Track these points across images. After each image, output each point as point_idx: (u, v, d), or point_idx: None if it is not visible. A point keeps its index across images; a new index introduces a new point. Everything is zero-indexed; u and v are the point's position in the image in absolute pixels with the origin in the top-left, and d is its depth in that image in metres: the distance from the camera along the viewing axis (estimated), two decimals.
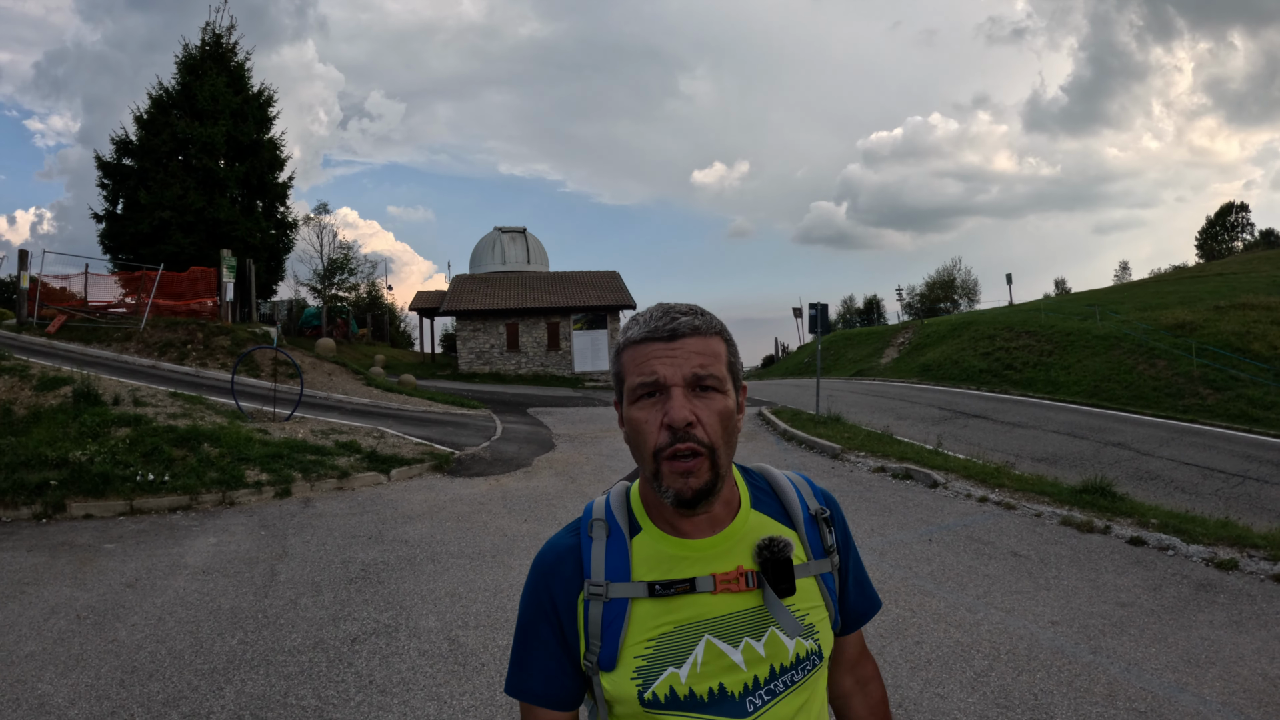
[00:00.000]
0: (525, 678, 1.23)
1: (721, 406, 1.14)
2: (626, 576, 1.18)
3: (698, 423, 1.12)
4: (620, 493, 1.29)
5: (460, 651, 4.72)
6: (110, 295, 22.49)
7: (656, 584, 1.17)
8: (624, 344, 1.20)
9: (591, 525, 1.24)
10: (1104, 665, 4.53)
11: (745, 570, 1.19)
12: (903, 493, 9.09)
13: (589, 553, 1.21)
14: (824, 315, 15.76)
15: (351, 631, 5.07)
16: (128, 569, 6.58)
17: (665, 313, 1.18)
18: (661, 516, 1.22)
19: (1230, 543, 6.95)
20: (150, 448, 9.82)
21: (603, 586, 1.18)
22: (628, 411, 1.17)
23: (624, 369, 1.18)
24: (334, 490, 9.54)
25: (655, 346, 1.15)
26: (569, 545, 1.24)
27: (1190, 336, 27.80)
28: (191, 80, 26.15)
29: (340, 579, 6.18)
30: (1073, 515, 7.68)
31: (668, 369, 1.13)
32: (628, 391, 1.17)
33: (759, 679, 1.18)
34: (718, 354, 1.17)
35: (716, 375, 1.14)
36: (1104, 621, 5.21)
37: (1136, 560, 6.57)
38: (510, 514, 8.32)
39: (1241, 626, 5.20)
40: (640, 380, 1.15)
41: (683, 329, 1.15)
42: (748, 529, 1.23)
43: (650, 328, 1.16)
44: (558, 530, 1.30)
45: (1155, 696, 4.16)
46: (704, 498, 1.13)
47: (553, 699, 1.22)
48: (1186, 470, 14.83)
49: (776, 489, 1.32)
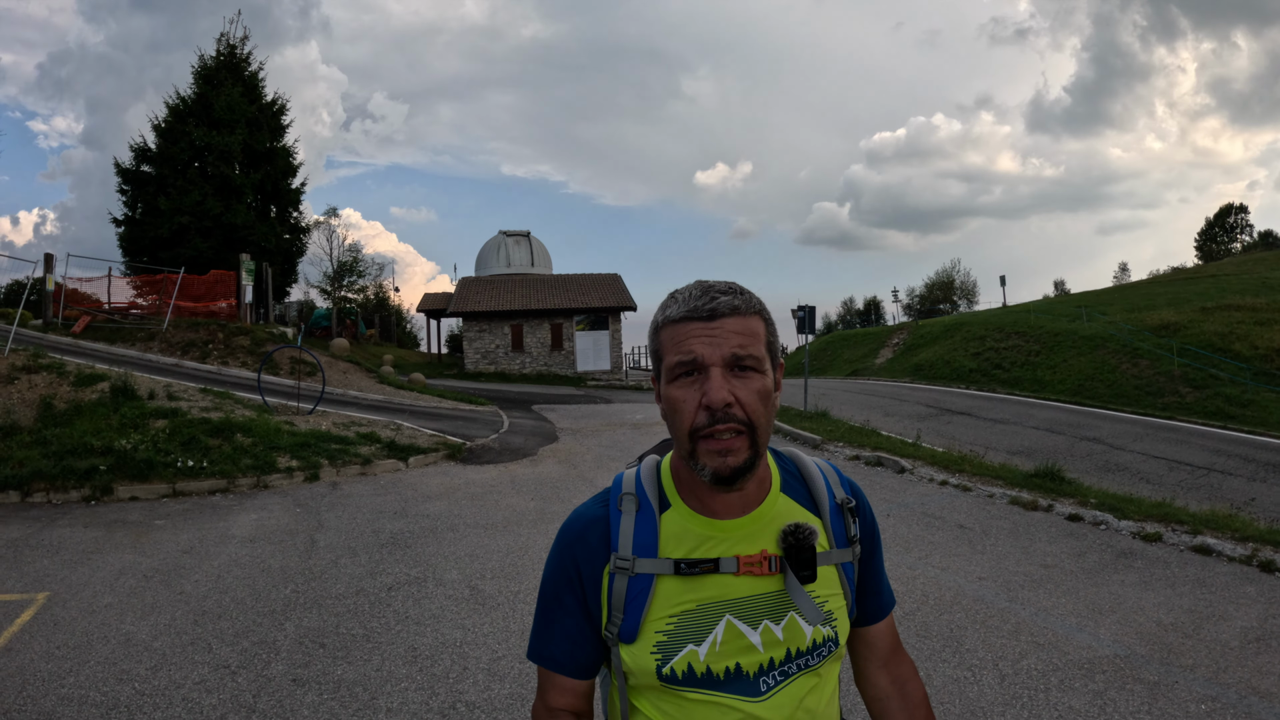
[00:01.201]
0: (547, 644, 1.26)
1: (760, 386, 1.14)
2: (654, 553, 1.20)
3: (736, 402, 1.12)
4: (651, 466, 1.30)
5: (479, 595, 5.67)
6: (130, 297, 23.45)
7: (682, 562, 1.19)
8: (662, 322, 1.19)
9: (621, 499, 1.25)
10: (1016, 610, 5.43)
11: (769, 554, 1.20)
12: (872, 476, 10.02)
13: (617, 525, 1.23)
14: (811, 317, 16.67)
15: (387, 582, 6.01)
16: (181, 539, 7.49)
17: (705, 291, 1.17)
18: (692, 494, 1.23)
19: (1159, 519, 7.81)
20: (188, 437, 10.74)
21: (629, 561, 1.19)
22: (665, 390, 1.17)
23: (662, 347, 1.18)
24: (358, 475, 10.48)
25: (694, 326, 1.15)
26: (597, 516, 1.26)
27: (1174, 337, 28.56)
28: (208, 90, 27.21)
29: (372, 544, 7.11)
30: (1021, 496, 8.57)
31: (706, 349, 1.13)
32: (666, 370, 1.17)
33: (774, 661, 1.20)
34: (757, 333, 1.16)
35: (755, 355, 1.14)
36: (1026, 579, 6.10)
37: (1070, 533, 7.46)
38: (518, 494, 9.26)
39: (1149, 585, 6.07)
40: (679, 359, 1.14)
41: (722, 308, 1.15)
42: (775, 513, 1.24)
43: (690, 307, 1.16)
44: (585, 500, 1.33)
45: (1055, 633, 5.05)
46: (741, 475, 1.14)
47: (573, 666, 1.25)
48: (1154, 463, 15.65)
49: (805, 475, 1.32)
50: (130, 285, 23.78)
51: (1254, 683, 4.40)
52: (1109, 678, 4.42)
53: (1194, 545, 7.12)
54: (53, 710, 4.10)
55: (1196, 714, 4.04)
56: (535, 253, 41.32)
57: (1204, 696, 4.22)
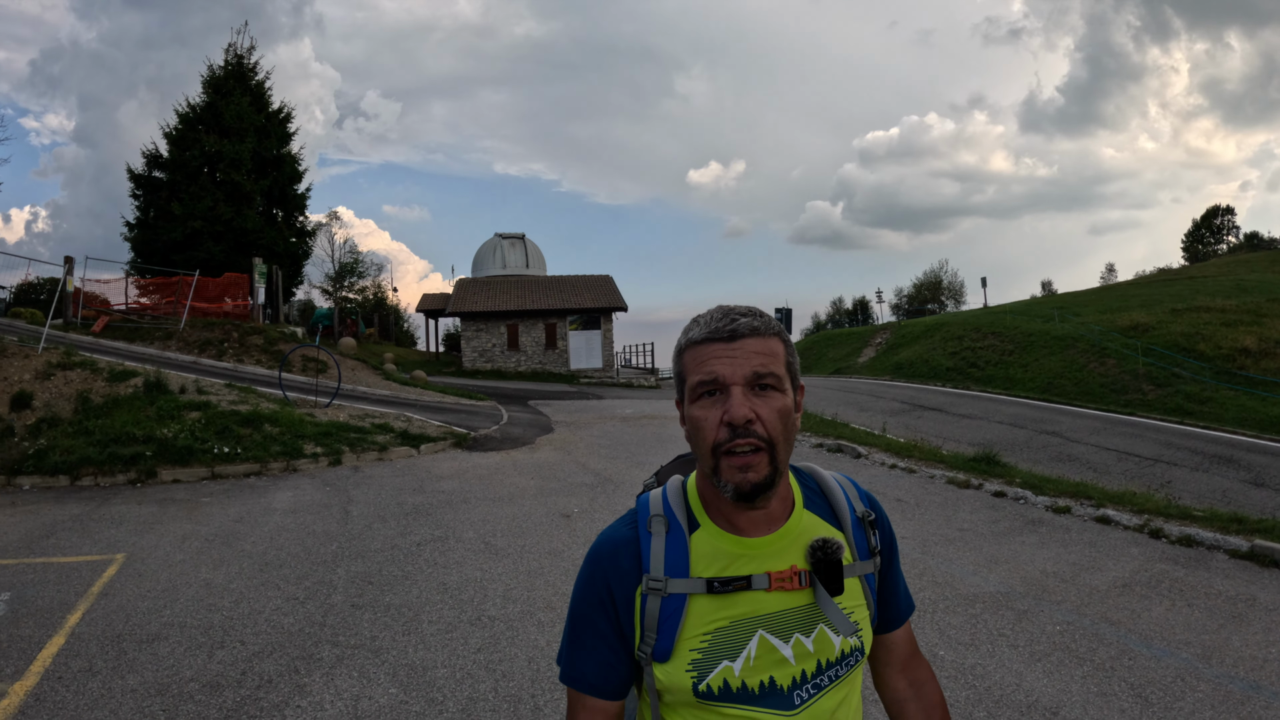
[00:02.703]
0: (579, 666, 1.27)
1: (780, 404, 1.17)
2: (686, 573, 1.22)
3: (757, 419, 1.15)
4: (677, 488, 1.32)
5: (492, 548, 6.98)
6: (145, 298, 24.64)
7: (715, 581, 1.21)
8: (685, 344, 1.23)
9: (651, 520, 1.27)
10: (926, 560, 6.70)
11: (798, 570, 1.23)
12: (830, 461, 11.33)
13: (648, 547, 1.25)
14: (788, 319, 17.93)
15: (415, 540, 7.30)
16: (230, 512, 8.72)
17: (725, 314, 1.21)
18: (720, 513, 1.26)
19: (1073, 496, 9.08)
20: (221, 427, 11.98)
21: (662, 582, 1.22)
22: (689, 410, 1.21)
23: (685, 368, 1.22)
24: (376, 460, 11.76)
25: (715, 347, 1.18)
26: (627, 538, 1.28)
27: (1142, 337, 29.78)
28: (218, 99, 28.51)
29: (398, 513, 8.39)
30: (957, 477, 9.86)
31: (727, 368, 1.16)
32: (689, 390, 1.20)
33: (806, 673, 1.23)
34: (776, 354, 1.20)
35: (775, 374, 1.18)
36: (942, 538, 7.38)
37: (992, 505, 8.74)
38: (520, 475, 10.56)
39: (1045, 545, 7.32)
40: (701, 379, 1.18)
41: (742, 329, 1.18)
42: (801, 529, 1.27)
43: (711, 329, 1.20)
44: (616, 520, 1.35)
45: (952, 576, 6.32)
46: (762, 491, 1.17)
47: (605, 689, 1.26)
48: (1105, 454, 16.89)
49: (825, 490, 1.35)
50: (145, 286, 24.97)
51: (1109, 615, 5.60)
52: (986, 606, 5.68)
53: (1096, 516, 8.37)
54: (159, 632, 5.31)
55: (1051, 633, 5.27)
56: (530, 254, 42.64)
57: (1062, 621, 5.45)
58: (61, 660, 4.77)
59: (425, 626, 5.23)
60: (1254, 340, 27.78)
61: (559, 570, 6.44)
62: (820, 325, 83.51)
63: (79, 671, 4.59)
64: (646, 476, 2.06)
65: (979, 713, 4.11)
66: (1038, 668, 4.62)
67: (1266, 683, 4.35)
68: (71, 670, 4.61)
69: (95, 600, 5.86)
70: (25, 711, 4.12)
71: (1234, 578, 6.23)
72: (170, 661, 4.73)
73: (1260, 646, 4.83)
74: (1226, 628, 5.17)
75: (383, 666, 4.63)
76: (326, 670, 4.58)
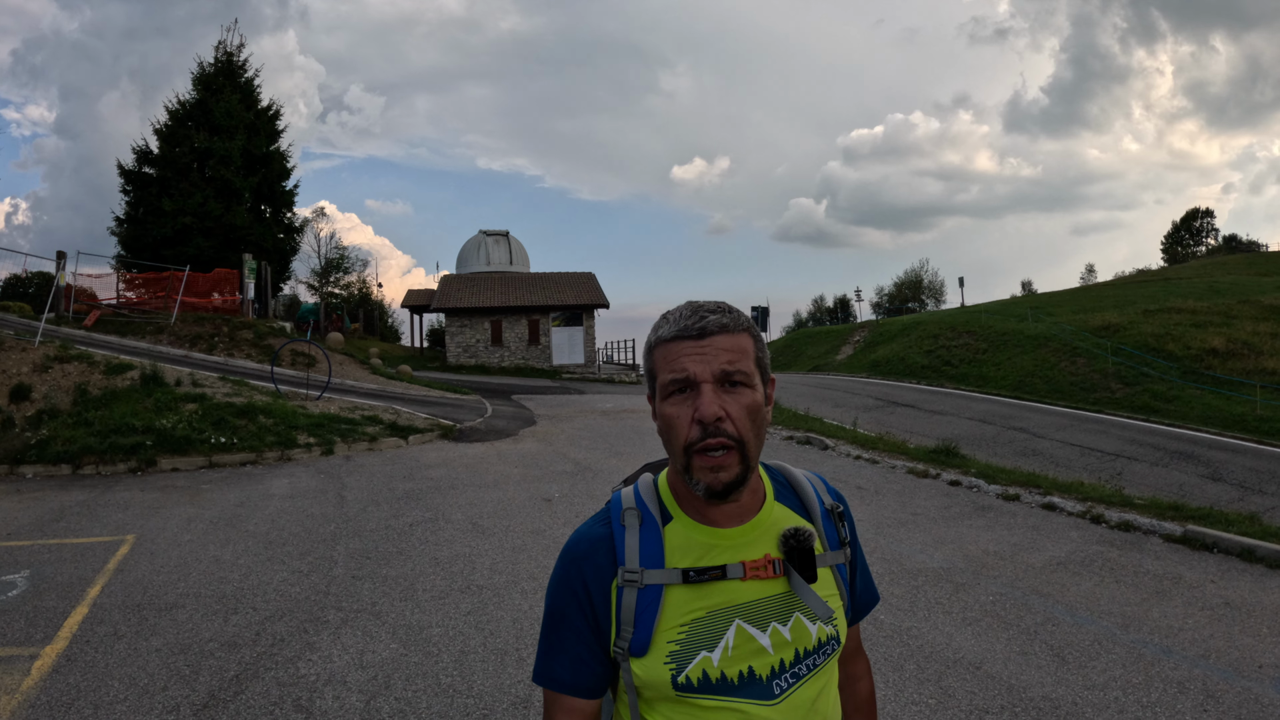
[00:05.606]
0: (553, 665, 1.27)
1: (750, 401, 1.19)
2: (661, 563, 1.23)
3: (727, 417, 1.16)
4: (648, 483, 1.34)
5: (479, 528, 7.55)
6: (135, 293, 24.99)
7: (690, 570, 1.22)
8: (655, 342, 1.24)
9: (624, 514, 1.28)
10: (878, 540, 7.30)
11: (772, 558, 1.25)
12: (799, 453, 11.96)
13: (622, 541, 1.26)
14: (764, 317, 18.56)
15: (408, 521, 7.86)
16: (230, 497, 9.22)
17: (694, 311, 1.22)
18: (692, 506, 1.27)
19: (1023, 485, 9.69)
20: (217, 418, 12.45)
21: (638, 573, 1.22)
22: (660, 407, 1.22)
23: (656, 366, 1.23)
24: (367, 450, 12.29)
25: (685, 344, 1.19)
26: (601, 535, 1.28)
27: (1113, 337, 30.57)
28: (207, 96, 28.85)
29: (390, 498, 8.94)
30: (917, 467, 10.49)
31: (697, 366, 1.17)
32: (660, 388, 1.22)
33: (785, 662, 1.24)
34: (746, 350, 1.21)
35: (745, 371, 1.19)
36: (895, 522, 7.99)
37: (946, 493, 9.36)
38: (504, 463, 11.12)
39: (990, 528, 7.93)
40: (671, 377, 1.19)
41: (711, 327, 1.19)
42: (773, 520, 1.29)
43: (680, 326, 1.20)
44: (587, 520, 1.35)
45: (900, 554, 6.92)
46: (733, 489, 1.19)
47: (580, 687, 1.26)
48: (1069, 449, 17.57)
49: (795, 484, 1.38)
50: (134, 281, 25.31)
51: (1040, 588, 6.17)
52: (927, 578, 6.27)
53: (1043, 503, 8.97)
54: (176, 601, 5.82)
55: (984, 602, 5.86)
56: (514, 251, 43.15)
57: (995, 593, 6.04)
58: (87, 626, 5.26)
59: (420, 594, 5.80)
60: (1222, 341, 28.57)
61: (540, 547, 7.00)
62: (801, 323, 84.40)
63: (105, 636, 5.09)
64: (623, 466, 2.16)
65: (910, 665, 4.69)
66: (967, 631, 5.20)
67: (1178, 648, 4.84)
68: (98, 635, 5.11)
69: (112, 575, 6.35)
70: (59, 670, 4.61)
71: (1164, 559, 6.70)
72: (190, 626, 5.26)
73: (1178, 618, 5.31)
74: (1149, 601, 5.66)
75: (384, 627, 5.19)
76: (333, 630, 5.14)
